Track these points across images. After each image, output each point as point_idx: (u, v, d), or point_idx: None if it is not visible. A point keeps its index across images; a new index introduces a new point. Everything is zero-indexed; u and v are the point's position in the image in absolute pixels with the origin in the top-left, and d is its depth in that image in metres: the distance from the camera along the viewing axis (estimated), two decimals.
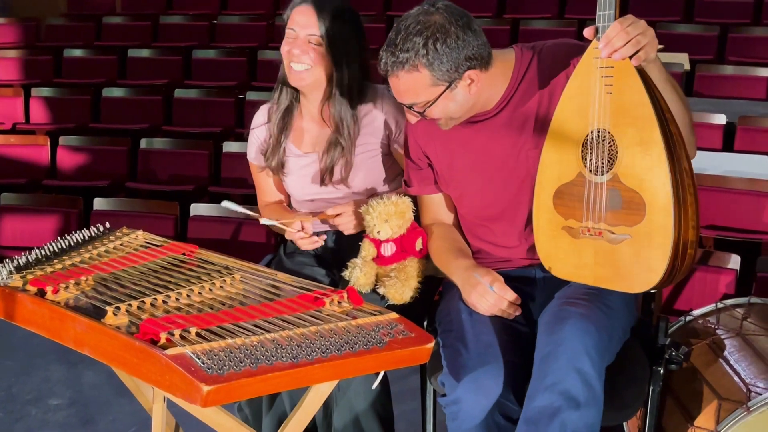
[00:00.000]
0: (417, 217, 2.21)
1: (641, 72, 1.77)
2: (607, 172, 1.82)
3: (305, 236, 2.23)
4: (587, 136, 1.84)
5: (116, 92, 5.73)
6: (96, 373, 3.26)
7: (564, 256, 1.92)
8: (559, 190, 1.90)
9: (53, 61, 6.43)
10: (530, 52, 1.99)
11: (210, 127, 5.32)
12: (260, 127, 2.39)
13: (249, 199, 4.01)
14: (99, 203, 4.18)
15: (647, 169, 1.76)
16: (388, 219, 2.12)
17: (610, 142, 1.81)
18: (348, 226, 2.23)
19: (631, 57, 1.74)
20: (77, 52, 6.48)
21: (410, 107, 1.94)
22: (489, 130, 2.00)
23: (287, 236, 2.28)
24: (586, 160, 1.85)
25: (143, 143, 4.91)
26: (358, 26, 2.25)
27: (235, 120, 5.44)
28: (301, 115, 2.35)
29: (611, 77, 1.78)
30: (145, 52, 6.39)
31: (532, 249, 2.01)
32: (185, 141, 4.97)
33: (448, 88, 1.88)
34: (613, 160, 1.81)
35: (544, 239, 1.95)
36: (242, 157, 2.48)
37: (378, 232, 2.12)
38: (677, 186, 1.75)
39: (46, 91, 5.78)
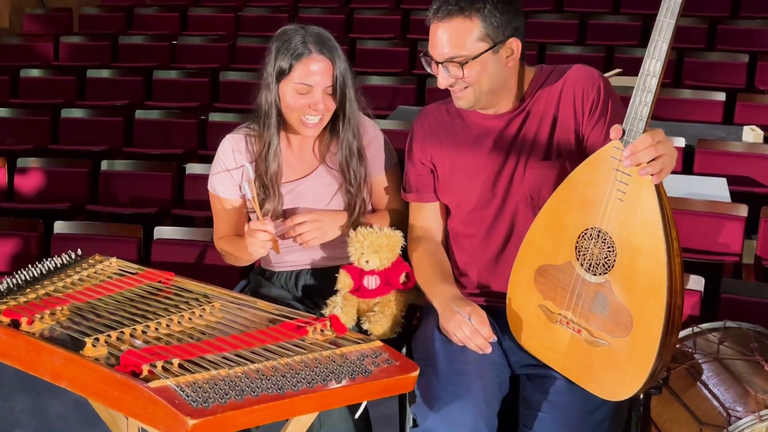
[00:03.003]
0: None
1: (659, 193, 1.70)
2: (600, 275, 1.78)
3: (265, 233, 2.08)
4: (588, 229, 1.79)
5: (75, 113, 5.63)
6: (62, 403, 3.17)
7: (534, 332, 1.91)
8: (544, 268, 1.87)
9: (9, 81, 6.31)
10: (548, 71, 2.04)
11: (172, 149, 5.25)
12: (237, 169, 2.26)
13: (212, 222, 3.96)
14: (60, 226, 4.09)
15: (644, 294, 1.70)
16: (379, 250, 2.10)
17: (609, 248, 1.75)
18: (308, 237, 2.17)
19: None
20: (34, 72, 6.37)
21: (449, 61, 1.92)
22: (496, 139, 2.03)
23: (251, 225, 2.12)
24: (579, 252, 1.81)
25: (104, 165, 4.82)
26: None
27: (197, 142, 5.38)
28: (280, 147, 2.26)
29: (626, 185, 1.72)
30: (104, 73, 6.30)
31: (505, 279, 2.02)
32: (147, 163, 4.89)
33: (491, 48, 1.91)
34: (609, 267, 1.76)
35: (515, 309, 1.94)
36: (206, 179, 2.40)
37: (366, 261, 2.10)
38: (670, 316, 1.70)
39: (2, 112, 5.65)
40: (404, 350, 2.21)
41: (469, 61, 1.91)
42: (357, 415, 1.94)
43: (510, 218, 2.05)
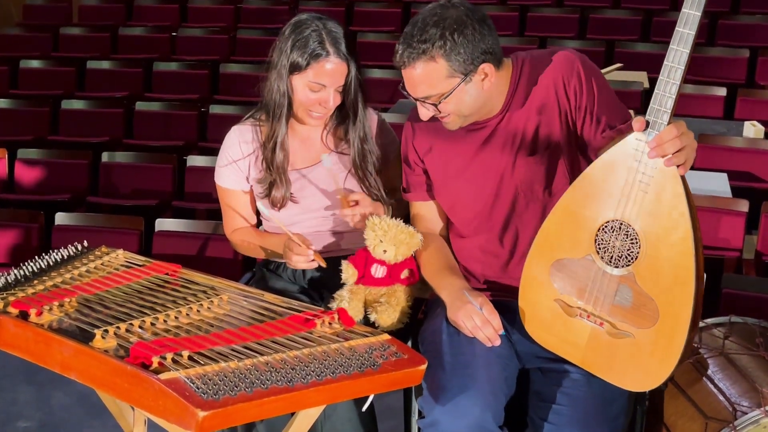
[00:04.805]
0: None
1: (684, 183, 1.70)
2: (623, 267, 1.78)
3: (303, 252, 2.11)
4: (609, 222, 1.79)
5: (75, 104, 5.62)
6: (66, 395, 3.17)
7: (551, 327, 1.90)
8: (561, 262, 1.86)
9: (9, 72, 6.30)
10: (522, 60, 2.00)
11: (172, 141, 5.25)
12: (243, 159, 2.29)
13: (214, 214, 3.96)
14: (60, 218, 4.08)
15: (670, 284, 1.71)
16: (398, 245, 2.09)
17: (633, 240, 1.75)
18: (356, 218, 2.17)
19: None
20: (34, 63, 6.35)
21: (424, 100, 1.94)
22: (485, 138, 2.03)
23: (296, 251, 2.13)
24: (600, 246, 1.80)
25: (105, 156, 4.82)
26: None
27: (197, 134, 5.38)
28: (287, 136, 2.29)
29: (650, 176, 1.71)
30: (104, 64, 6.29)
31: (509, 274, 2.03)
32: (148, 155, 4.89)
33: (463, 80, 1.90)
34: (633, 258, 1.76)
35: (530, 304, 1.93)
36: (207, 171, 2.42)
37: (384, 251, 2.10)
38: (696, 304, 1.71)
39: (2, 103, 5.65)
40: (409, 343, 2.22)
41: (444, 98, 1.91)
42: (364, 408, 1.94)
43: (505, 216, 2.05)
